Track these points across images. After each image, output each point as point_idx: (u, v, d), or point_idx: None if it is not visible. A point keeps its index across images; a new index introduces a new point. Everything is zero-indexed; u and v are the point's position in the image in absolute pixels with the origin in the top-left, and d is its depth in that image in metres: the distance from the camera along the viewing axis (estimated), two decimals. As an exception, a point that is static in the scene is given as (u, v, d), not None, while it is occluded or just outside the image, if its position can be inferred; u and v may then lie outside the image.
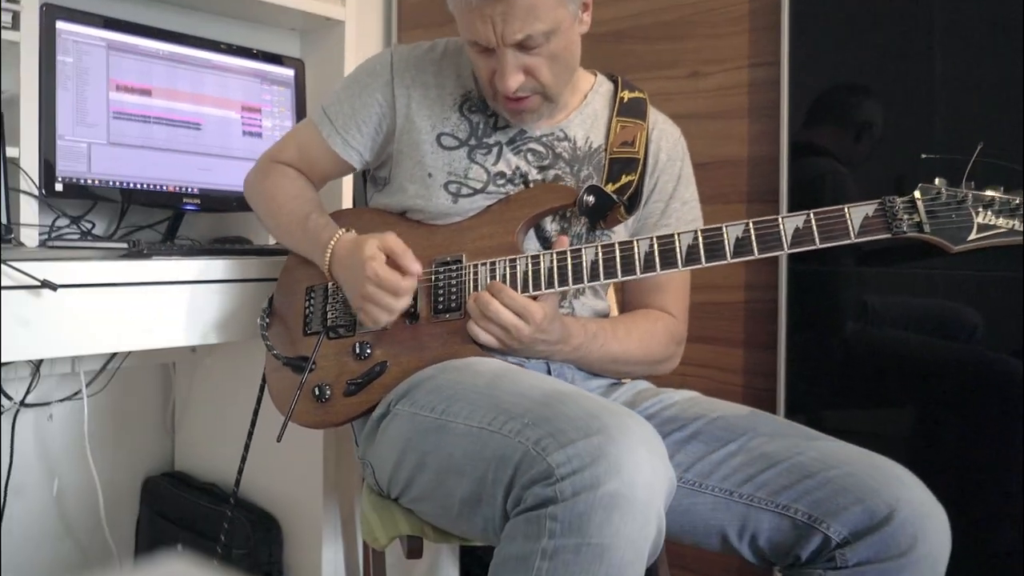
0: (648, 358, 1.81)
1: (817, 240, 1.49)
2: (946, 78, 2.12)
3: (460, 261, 1.72)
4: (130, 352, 2.55)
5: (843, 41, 2.27)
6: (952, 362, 2.15)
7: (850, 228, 1.48)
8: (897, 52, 2.18)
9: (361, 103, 1.86)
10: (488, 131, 1.80)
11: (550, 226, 1.78)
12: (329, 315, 1.80)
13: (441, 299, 1.71)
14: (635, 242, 1.59)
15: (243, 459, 1.99)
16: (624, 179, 1.76)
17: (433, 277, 1.73)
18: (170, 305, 1.89)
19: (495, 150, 1.79)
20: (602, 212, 1.74)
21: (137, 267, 1.84)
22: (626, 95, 1.87)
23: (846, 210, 1.48)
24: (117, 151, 2.37)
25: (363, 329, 1.75)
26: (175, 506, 2.58)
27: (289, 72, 2.76)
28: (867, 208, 1.48)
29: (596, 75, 1.92)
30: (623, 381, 1.87)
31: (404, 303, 1.66)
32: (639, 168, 1.78)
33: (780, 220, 1.51)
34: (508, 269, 1.66)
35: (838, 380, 2.29)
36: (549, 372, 1.75)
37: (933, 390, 2.16)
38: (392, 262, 1.65)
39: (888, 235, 1.47)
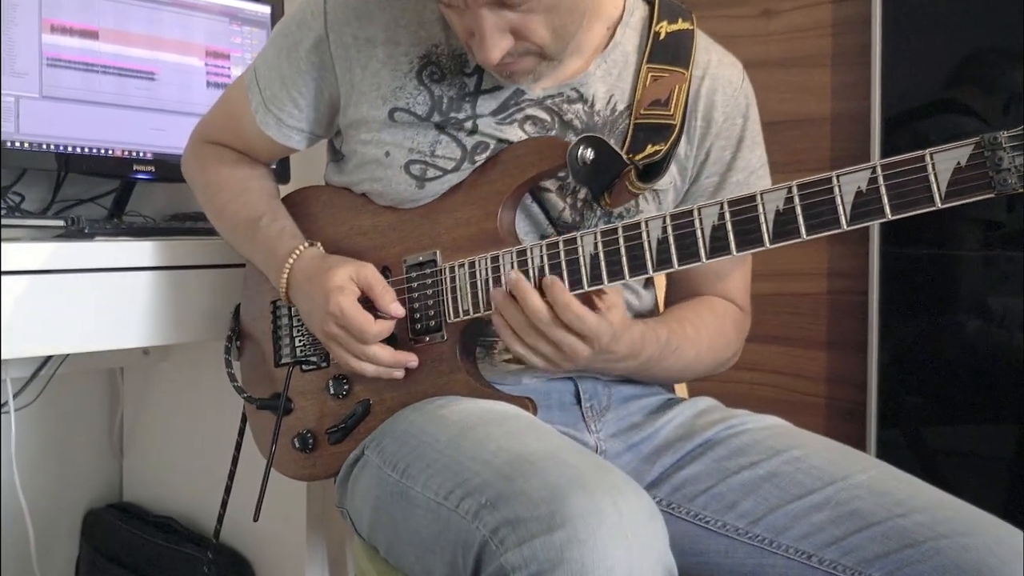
0: (715, 361, 1.79)
1: (888, 209, 1.32)
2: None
3: (434, 261, 1.68)
4: (67, 355, 2.55)
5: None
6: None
7: (934, 186, 1.30)
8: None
9: (291, 67, 1.79)
10: (459, 103, 1.70)
11: (558, 197, 1.70)
12: (297, 342, 1.82)
13: (418, 316, 1.69)
14: (643, 224, 1.49)
15: (223, 503, 1.96)
16: (648, 150, 1.66)
17: (407, 285, 1.70)
18: (117, 297, 1.89)
19: (470, 124, 1.70)
20: (607, 178, 1.64)
21: (76, 250, 1.83)
22: (664, 28, 1.74)
23: (928, 159, 1.30)
24: (52, 107, 2.35)
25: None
26: (123, 544, 2.59)
27: (265, 9, 2.75)
28: (958, 154, 1.28)
29: None
30: (675, 394, 1.85)
31: (378, 354, 1.64)
32: (671, 137, 1.66)
33: (835, 180, 1.35)
34: (490, 272, 1.60)
35: (943, 390, 2.28)
36: (577, 392, 1.74)
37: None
38: (366, 300, 1.64)
39: (990, 194, 1.27)
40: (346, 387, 1.74)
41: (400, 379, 1.68)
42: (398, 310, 1.64)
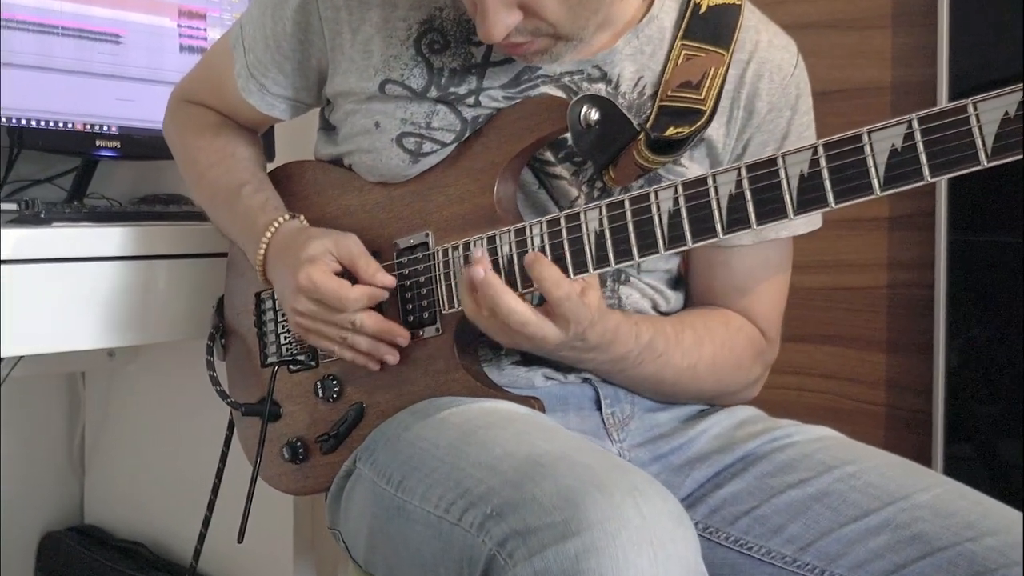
0: (718, 384, 1.76)
1: (926, 171, 1.28)
2: None
3: (427, 244, 1.69)
4: (21, 358, 2.54)
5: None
6: None
7: (978, 141, 1.26)
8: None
9: (276, 27, 1.80)
10: (463, 76, 1.70)
11: (570, 185, 1.70)
12: (283, 339, 1.83)
13: (411, 307, 1.69)
14: (653, 195, 1.48)
15: (205, 521, 1.96)
16: (671, 132, 1.63)
17: (398, 272, 1.71)
18: (78, 291, 1.89)
19: (472, 99, 1.69)
20: (614, 147, 1.62)
21: (31, 237, 1.84)
22: (706, 0, 1.72)
23: (970, 108, 1.26)
24: (3, 74, 2.35)
25: (326, 357, 1.77)
26: (84, 573, 2.59)
27: (244, -37, 2.76)
28: (1006, 102, 1.24)
29: None
30: (707, 406, 1.82)
31: (363, 321, 1.63)
32: (698, 122, 1.64)
33: (866, 138, 1.32)
34: (486, 254, 1.58)
35: (1019, 398, 2.28)
36: (597, 396, 1.74)
37: None
38: (347, 272, 1.64)
39: None
40: (336, 389, 1.75)
41: (388, 374, 1.69)
42: (385, 278, 1.63)
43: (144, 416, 2.68)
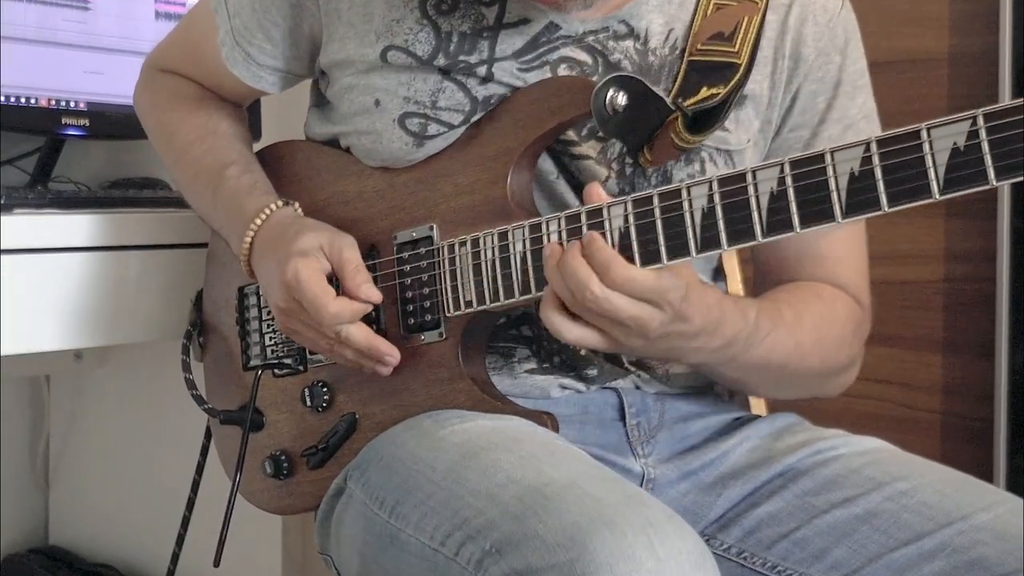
0: (823, 364, 1.74)
1: (991, 174, 1.26)
2: None
3: (431, 238, 1.67)
4: (-20, 359, 2.56)
5: None
6: None
7: None
8: None
9: None
10: (473, 41, 1.69)
11: (599, 165, 1.68)
12: (268, 339, 1.83)
13: (412, 308, 1.68)
14: (684, 192, 1.44)
15: (179, 540, 1.96)
16: (703, 93, 1.62)
17: (398, 269, 1.70)
18: (41, 285, 1.89)
19: (483, 70, 1.69)
20: (646, 129, 1.61)
21: (-10, 226, 1.82)
22: None
23: None
24: (-42, 45, 2.37)
25: (316, 361, 1.77)
26: (50, 598, 2.60)
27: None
28: None
29: None
30: (745, 413, 1.83)
31: (350, 333, 1.61)
32: (734, 79, 1.63)
33: (925, 135, 1.30)
34: (497, 253, 1.59)
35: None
36: (621, 405, 1.72)
37: None
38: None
39: None
40: (326, 397, 1.74)
41: (385, 382, 1.67)
42: (369, 292, 1.61)
43: (114, 425, 2.68)
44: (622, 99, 1.54)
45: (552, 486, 1.35)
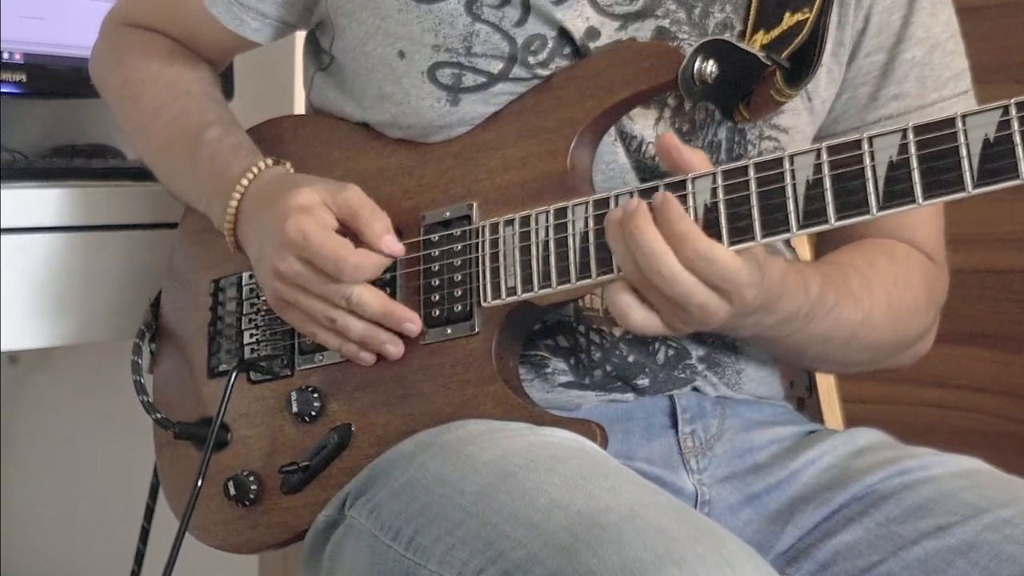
0: (896, 335, 1.79)
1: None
2: None
3: (469, 217, 1.69)
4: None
5: None
6: None
7: None
8: None
9: None
10: None
11: (642, 127, 1.72)
12: (249, 336, 1.83)
13: (437, 297, 1.69)
14: (787, 161, 1.47)
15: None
16: (787, 21, 1.67)
17: (424, 253, 1.71)
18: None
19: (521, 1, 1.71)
20: (739, 91, 1.66)
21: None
22: None
23: None
24: None
25: (306, 363, 1.77)
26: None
27: None
28: None
29: None
30: (820, 427, 1.85)
31: (362, 297, 1.63)
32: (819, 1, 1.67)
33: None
34: (552, 233, 1.59)
35: None
36: (674, 410, 1.73)
37: None
38: (349, 232, 1.65)
39: None
40: (317, 404, 1.73)
41: (392, 385, 1.69)
42: (392, 245, 1.63)
43: (60, 438, 2.68)
44: (711, 68, 1.59)
45: (608, 514, 1.34)
